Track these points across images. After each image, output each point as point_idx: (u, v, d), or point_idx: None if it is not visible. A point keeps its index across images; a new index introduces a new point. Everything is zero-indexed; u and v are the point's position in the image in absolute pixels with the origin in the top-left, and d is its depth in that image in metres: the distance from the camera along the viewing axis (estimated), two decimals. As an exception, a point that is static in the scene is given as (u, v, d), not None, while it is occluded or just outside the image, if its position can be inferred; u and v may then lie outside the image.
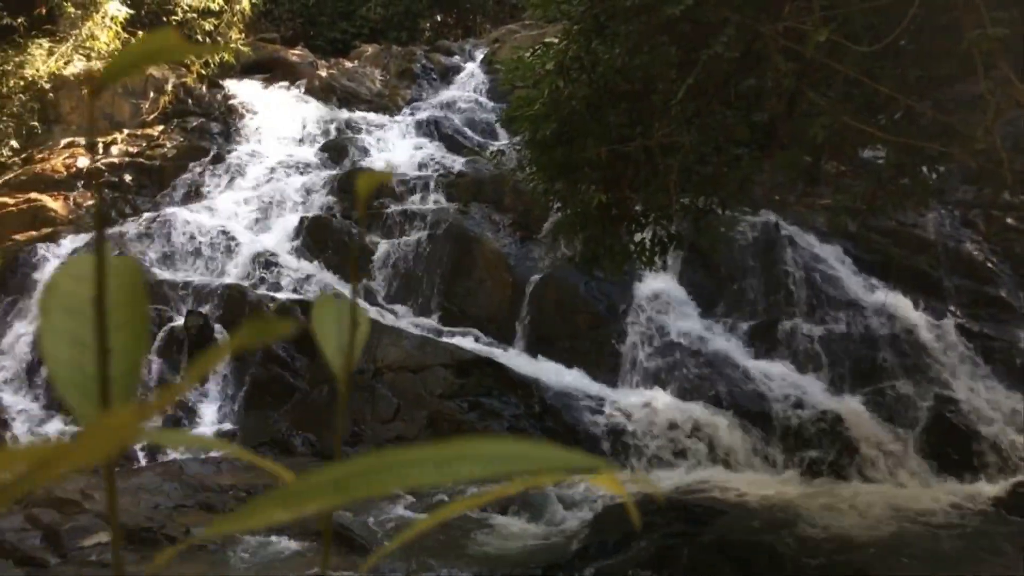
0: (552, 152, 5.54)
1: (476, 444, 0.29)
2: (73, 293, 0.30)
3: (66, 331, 0.28)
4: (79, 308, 0.29)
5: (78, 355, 0.28)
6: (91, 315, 0.29)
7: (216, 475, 7.22)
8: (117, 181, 12.17)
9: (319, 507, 0.28)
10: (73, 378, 0.27)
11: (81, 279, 0.30)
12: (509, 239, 10.16)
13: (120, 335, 0.30)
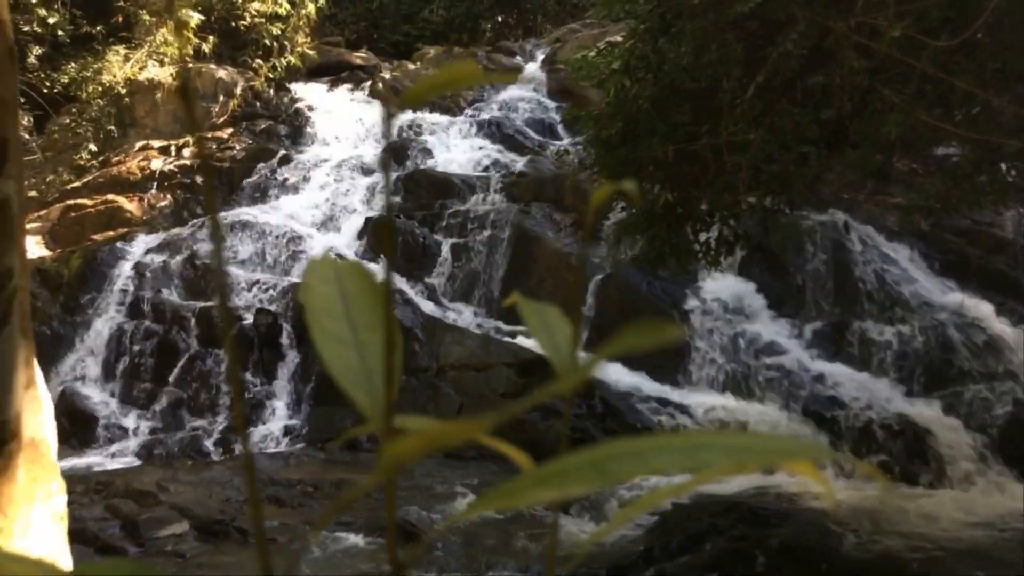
0: (617, 151, 5.52)
1: (718, 436, 0.31)
2: (327, 295, 0.33)
3: (331, 332, 0.31)
4: (332, 309, 0.32)
5: (344, 351, 0.31)
6: (342, 314, 0.32)
7: (284, 470, 7.38)
8: (189, 183, 12.54)
9: (579, 488, 0.30)
10: (344, 372, 0.30)
11: (327, 281, 0.33)
12: (570, 239, 10.15)
13: (373, 335, 0.32)
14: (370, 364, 0.31)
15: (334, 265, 0.34)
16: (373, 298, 0.34)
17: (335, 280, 0.33)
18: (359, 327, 0.32)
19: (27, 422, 0.59)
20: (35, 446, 0.61)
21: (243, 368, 8.74)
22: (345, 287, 0.34)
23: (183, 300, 9.49)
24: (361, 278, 0.35)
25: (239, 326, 8.96)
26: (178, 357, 8.82)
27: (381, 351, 0.31)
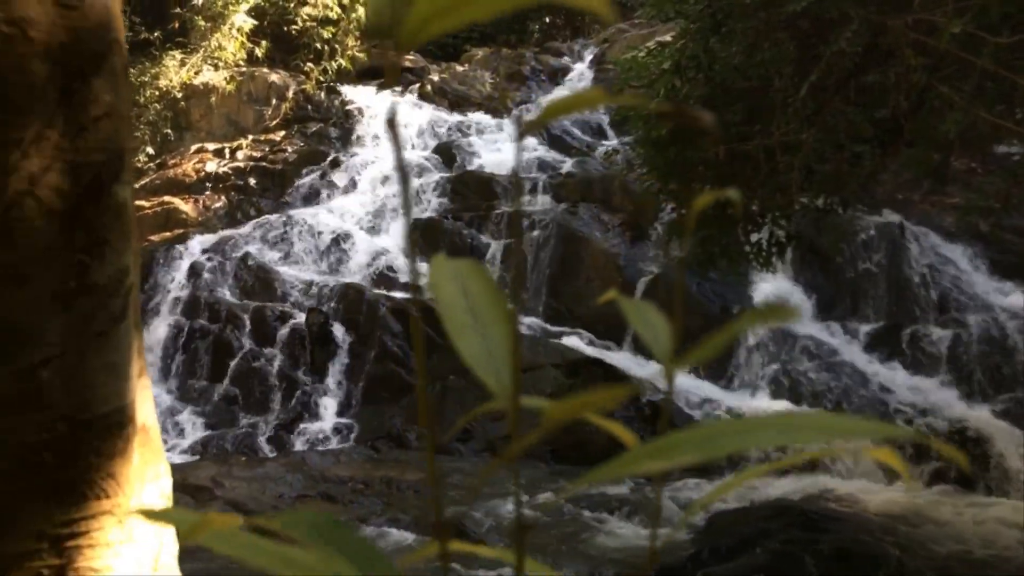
0: (666, 151, 5.50)
1: (812, 416, 0.33)
2: (452, 292, 0.35)
3: (460, 323, 0.34)
4: (457, 303, 0.35)
5: (473, 340, 0.34)
6: (467, 308, 0.34)
7: (335, 467, 7.49)
8: (242, 184, 12.80)
9: (687, 459, 0.32)
10: (474, 358, 0.33)
11: (451, 279, 0.35)
12: (618, 239, 10.12)
13: (495, 327, 0.35)
14: (494, 351, 0.34)
15: (455, 265, 0.36)
16: (491, 294, 0.36)
17: (457, 278, 0.36)
18: (482, 319, 0.35)
19: (140, 408, 0.63)
20: (146, 431, 0.65)
21: (295, 366, 8.89)
22: (467, 285, 0.36)
23: (237, 299, 9.69)
24: (480, 276, 0.37)
25: (291, 325, 9.11)
26: (232, 355, 9.00)
27: (502, 340, 0.34)
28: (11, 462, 0.53)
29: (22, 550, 0.54)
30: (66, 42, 0.58)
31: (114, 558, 0.59)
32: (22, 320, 0.53)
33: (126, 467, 0.60)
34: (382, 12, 0.30)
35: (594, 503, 6.53)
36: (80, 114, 0.59)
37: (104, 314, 0.59)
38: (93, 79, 0.61)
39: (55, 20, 0.58)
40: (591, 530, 6.11)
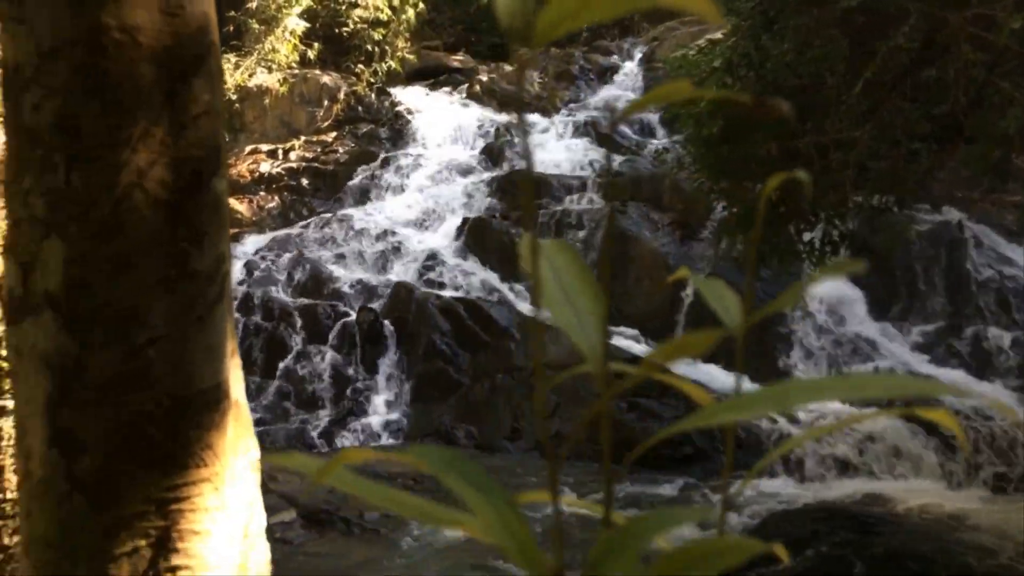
0: (718, 149, 5.46)
1: (872, 377, 0.35)
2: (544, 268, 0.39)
3: (555, 297, 0.37)
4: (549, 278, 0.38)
5: (564, 311, 0.37)
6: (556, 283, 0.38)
7: (385, 463, 7.59)
8: (295, 185, 13.03)
9: (763, 411, 0.35)
10: (568, 326, 0.36)
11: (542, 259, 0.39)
12: (668, 238, 10.07)
13: (582, 297, 0.38)
14: (583, 319, 0.37)
15: (543, 244, 0.40)
16: (578, 268, 0.40)
17: (546, 256, 0.39)
18: (569, 292, 0.38)
19: (233, 386, 0.68)
20: (238, 407, 0.70)
21: (346, 364, 9.02)
22: (554, 261, 0.40)
23: (290, 298, 9.86)
24: (566, 252, 0.41)
25: (343, 323, 9.25)
26: (285, 352, 9.17)
27: (590, 308, 0.37)
28: (122, 434, 0.57)
29: (132, 512, 0.59)
30: (170, 46, 0.63)
31: (211, 523, 0.64)
32: (131, 303, 0.58)
33: (222, 439, 0.65)
34: (513, 16, 0.33)
35: (643, 503, 6.52)
36: (182, 113, 0.64)
37: (203, 299, 0.63)
38: (194, 80, 0.65)
39: (160, 26, 0.62)
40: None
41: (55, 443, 0.56)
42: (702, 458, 7.50)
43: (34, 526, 0.59)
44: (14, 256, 0.59)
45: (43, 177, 0.59)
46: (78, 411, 0.55)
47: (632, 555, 0.34)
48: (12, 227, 0.60)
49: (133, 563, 0.59)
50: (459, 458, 0.39)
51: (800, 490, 6.84)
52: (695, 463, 7.46)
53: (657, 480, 7.13)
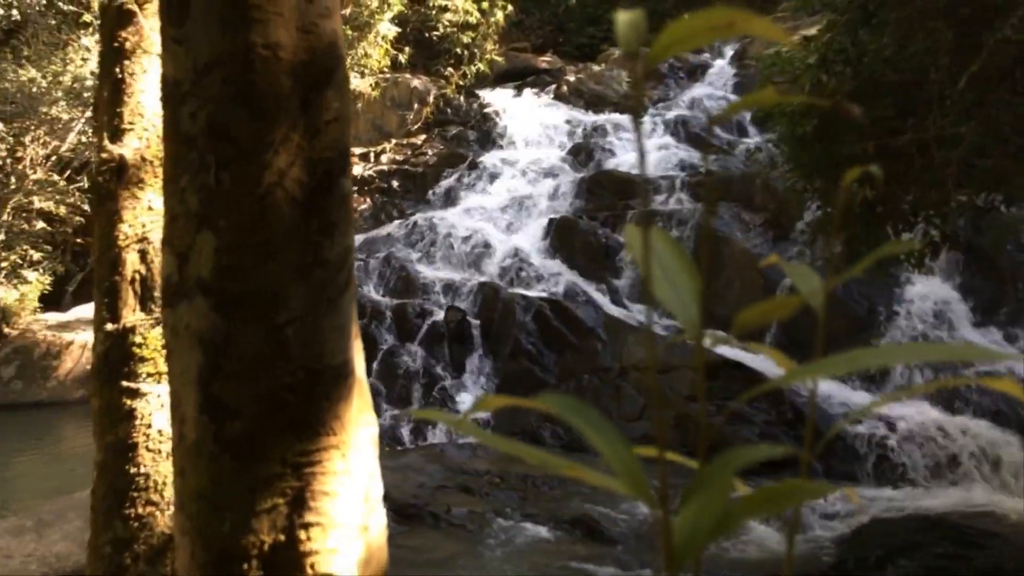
0: (811, 148, 5.34)
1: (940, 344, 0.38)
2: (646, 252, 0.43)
3: (657, 276, 0.41)
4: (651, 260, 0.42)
5: (670, 289, 0.41)
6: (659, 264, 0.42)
7: (472, 460, 7.70)
8: (386, 187, 13.32)
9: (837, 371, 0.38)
10: (672, 303, 0.41)
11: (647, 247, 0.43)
12: (760, 239, 9.87)
13: (680, 275, 0.42)
14: (681, 295, 0.41)
15: (644, 232, 0.44)
16: (675, 251, 0.44)
17: (648, 243, 0.43)
18: (669, 271, 0.42)
19: (356, 363, 0.75)
20: (361, 382, 0.77)
21: (434, 362, 9.18)
22: (656, 247, 0.44)
23: (380, 297, 10.10)
24: (664, 238, 0.45)
25: (431, 321, 9.42)
26: (376, 350, 9.39)
27: (687, 285, 0.41)
28: (263, 402, 0.65)
29: (272, 473, 0.66)
30: (305, 60, 0.69)
31: (339, 486, 0.70)
32: (272, 288, 0.65)
33: (348, 410, 0.71)
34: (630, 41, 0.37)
35: (731, 507, 6.42)
36: (316, 119, 0.70)
37: (334, 284, 0.69)
38: (326, 90, 0.72)
39: (298, 43, 0.69)
40: (733, 535, 6.02)
41: (206, 410, 0.65)
42: (794, 463, 7.30)
43: (187, 483, 0.68)
44: (172, 247, 0.68)
45: (197, 177, 0.68)
46: (226, 382, 0.64)
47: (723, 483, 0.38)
48: (170, 222, 0.69)
49: (272, 518, 0.66)
50: (583, 406, 0.47)
51: (898, 498, 6.62)
52: (786, 468, 7.30)
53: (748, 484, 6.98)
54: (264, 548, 0.68)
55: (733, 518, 0.39)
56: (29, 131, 11.29)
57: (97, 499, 1.55)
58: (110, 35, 1.71)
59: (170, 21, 0.69)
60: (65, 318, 11.44)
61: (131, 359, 1.57)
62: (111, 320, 1.60)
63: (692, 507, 0.39)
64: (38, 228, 11.65)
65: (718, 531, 0.38)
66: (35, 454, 8.63)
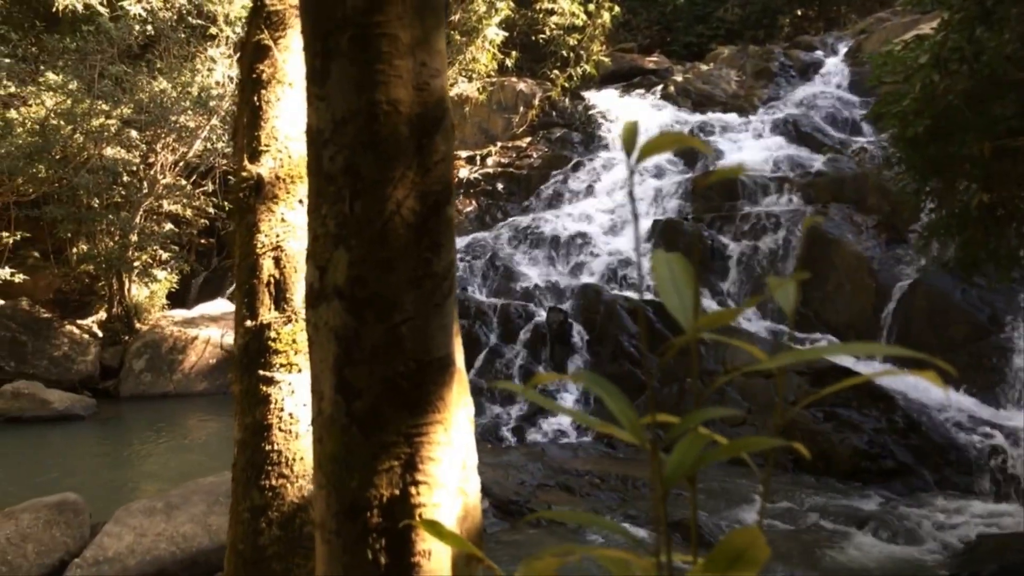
0: (924, 149, 5.19)
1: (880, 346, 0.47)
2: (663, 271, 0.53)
3: (667, 289, 0.52)
4: (668, 278, 0.53)
5: (674, 293, 0.52)
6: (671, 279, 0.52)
7: (573, 460, 7.79)
8: (491, 190, 13.57)
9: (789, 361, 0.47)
10: (674, 307, 0.51)
11: (663, 264, 0.54)
12: (872, 242, 9.58)
13: (686, 290, 0.53)
14: (684, 303, 0.51)
15: (665, 256, 0.54)
16: (686, 272, 0.54)
17: (668, 263, 0.54)
18: (679, 285, 0.52)
19: (457, 356, 0.91)
20: (460, 372, 0.93)
21: (535, 362, 9.31)
22: (673, 267, 0.54)
23: (485, 297, 10.32)
24: (680, 262, 0.55)
25: (534, 322, 9.56)
26: (480, 349, 9.61)
27: (689, 296, 0.51)
28: (383, 385, 0.80)
29: (390, 441, 0.82)
30: (420, 112, 0.84)
31: (442, 453, 0.85)
32: (392, 294, 0.81)
33: (449, 393, 0.86)
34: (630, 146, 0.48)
35: (839, 515, 6.30)
36: (427, 160, 0.85)
37: (440, 291, 0.84)
38: (435, 136, 0.86)
39: (413, 99, 0.84)
40: (833, 542, 5.90)
41: (339, 390, 0.83)
42: (905, 472, 7.11)
43: (325, 448, 0.85)
44: (314, 260, 0.85)
45: (335, 206, 0.84)
46: (355, 368, 0.82)
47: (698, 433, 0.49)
48: (313, 240, 0.86)
49: (390, 477, 0.82)
50: (605, 381, 0.62)
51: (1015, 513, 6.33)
52: (896, 477, 7.10)
53: (855, 492, 6.85)
54: (383, 500, 0.85)
55: (707, 457, 0.50)
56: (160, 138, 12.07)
57: (237, 472, 1.78)
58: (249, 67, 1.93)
59: (314, 82, 0.86)
60: (190, 315, 12.18)
61: (267, 351, 1.80)
62: (250, 317, 1.83)
63: (679, 448, 0.50)
64: (167, 229, 12.43)
65: (697, 465, 0.49)
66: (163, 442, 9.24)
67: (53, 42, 12.32)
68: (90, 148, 11.55)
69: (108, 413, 10.40)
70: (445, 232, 0.86)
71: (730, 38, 18.84)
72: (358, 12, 0.83)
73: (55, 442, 9.14)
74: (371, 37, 0.84)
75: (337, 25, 0.84)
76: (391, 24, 0.83)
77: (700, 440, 0.52)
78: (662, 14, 20.08)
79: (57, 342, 11.35)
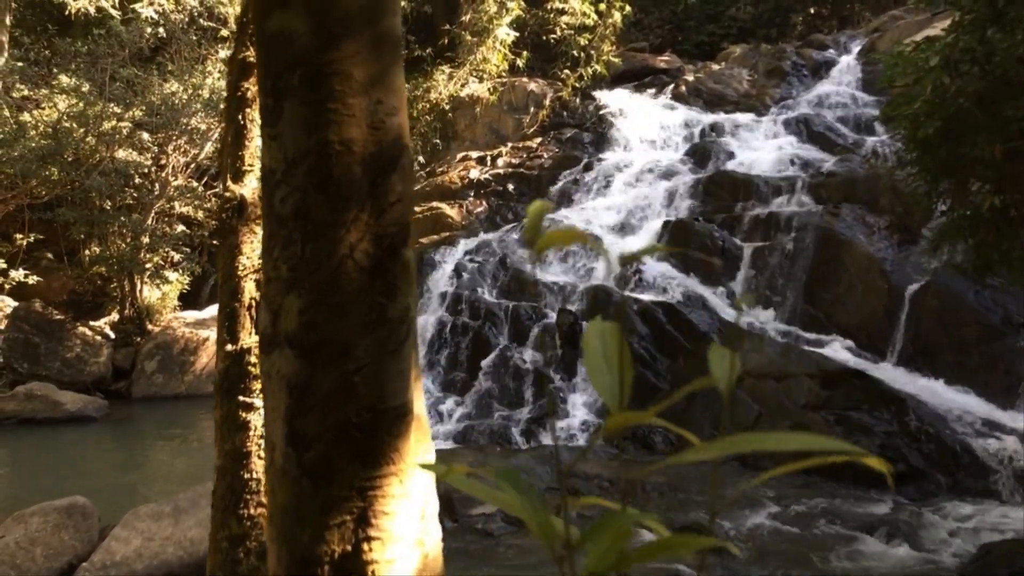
0: (936, 151, 5.14)
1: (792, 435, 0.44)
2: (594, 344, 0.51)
3: (595, 364, 0.49)
4: (596, 351, 0.50)
5: (603, 376, 0.49)
6: (602, 353, 0.50)
7: (582, 463, 7.75)
8: (501, 190, 13.55)
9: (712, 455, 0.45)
10: (602, 388, 0.48)
11: (595, 336, 0.51)
12: (885, 243, 9.49)
13: (617, 369, 0.50)
14: (614, 384, 0.49)
15: (601, 325, 0.51)
16: (618, 346, 0.51)
17: (601, 333, 0.51)
18: (611, 362, 0.49)
19: (415, 402, 0.88)
20: (419, 419, 0.90)
21: (546, 364, 9.29)
22: (605, 339, 0.51)
23: (495, 299, 10.30)
24: (614, 333, 0.52)
25: (543, 324, 9.53)
26: (490, 350, 9.59)
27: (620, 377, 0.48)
28: (336, 436, 0.78)
29: (342, 495, 0.79)
30: (374, 152, 0.82)
31: (397, 506, 0.82)
32: (344, 340, 0.78)
33: (406, 444, 0.83)
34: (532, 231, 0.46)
35: (850, 520, 6.24)
36: (382, 201, 0.82)
37: (394, 338, 0.82)
38: (391, 175, 0.83)
39: (368, 137, 0.82)
40: (844, 547, 5.85)
41: (290, 441, 0.80)
42: (917, 476, 7.04)
43: (276, 500, 0.82)
44: (267, 305, 0.83)
45: (286, 250, 0.81)
46: (307, 417, 0.79)
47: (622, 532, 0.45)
48: (266, 284, 0.83)
49: (341, 532, 0.80)
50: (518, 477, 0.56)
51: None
52: (909, 482, 7.03)
53: (868, 498, 6.79)
54: (335, 556, 0.82)
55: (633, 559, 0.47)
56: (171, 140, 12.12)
57: (217, 499, 1.76)
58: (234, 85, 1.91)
59: (267, 122, 0.84)
60: (202, 316, 12.23)
61: (247, 376, 1.78)
62: (230, 341, 1.81)
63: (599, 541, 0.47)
64: (178, 231, 12.49)
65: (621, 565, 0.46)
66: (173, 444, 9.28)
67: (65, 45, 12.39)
68: (102, 151, 11.62)
69: (120, 414, 10.46)
70: (401, 275, 0.83)
71: (742, 37, 18.74)
72: (310, 50, 0.81)
73: (67, 444, 9.19)
74: (323, 75, 0.82)
75: (289, 63, 0.82)
76: (344, 62, 0.81)
77: (623, 536, 0.50)
78: (673, 13, 20.00)
79: (70, 343, 11.42)
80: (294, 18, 0.79)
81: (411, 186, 0.85)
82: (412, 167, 0.86)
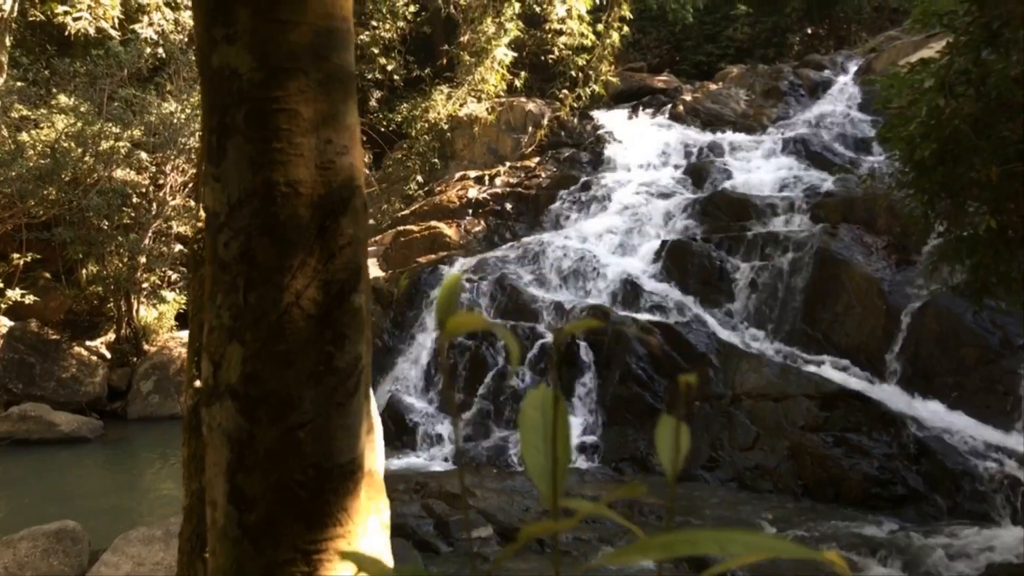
0: (932, 173, 5.12)
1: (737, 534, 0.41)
2: (534, 417, 0.47)
3: (531, 441, 0.46)
4: (536, 425, 0.46)
5: (537, 455, 0.45)
6: (541, 428, 0.46)
7: (579, 486, 7.69)
8: (499, 210, 13.53)
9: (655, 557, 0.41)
10: (534, 469, 0.44)
11: (534, 407, 0.47)
12: (882, 263, 9.46)
13: (554, 448, 0.46)
14: (549, 465, 0.45)
15: (543, 394, 0.47)
16: (560, 421, 0.47)
17: (541, 405, 0.47)
18: (548, 440, 0.46)
19: (367, 457, 0.83)
20: (371, 475, 0.85)
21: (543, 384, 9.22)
22: (545, 411, 0.48)
23: (491, 319, 10.25)
24: (557, 404, 0.48)
25: (539, 344, 9.48)
26: (487, 371, 9.53)
27: (558, 457, 0.45)
28: (278, 495, 0.73)
29: (285, 558, 0.75)
30: (323, 193, 0.78)
31: (345, 570, 0.77)
32: (289, 392, 0.74)
33: (355, 503, 0.79)
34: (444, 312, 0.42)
35: (849, 543, 6.17)
36: (331, 244, 0.79)
37: (343, 389, 0.77)
38: (341, 218, 0.80)
39: (316, 178, 0.78)
40: (843, 573, 5.77)
41: (231, 499, 0.75)
42: (917, 499, 6.98)
43: (217, 561, 0.77)
44: (208, 354, 0.78)
45: (228, 296, 0.77)
46: (248, 475, 0.73)
47: None
48: (208, 333, 0.79)
49: None
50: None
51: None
52: (908, 504, 6.97)
53: (866, 520, 6.72)
54: None
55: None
56: (169, 160, 12.12)
57: (183, 541, 1.70)
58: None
59: (211, 161, 0.79)
60: (199, 335, 12.16)
61: None
62: (199, 377, 1.76)
63: None
64: (175, 251, 12.46)
65: None
66: (167, 466, 9.20)
67: (64, 66, 12.42)
68: (100, 170, 11.61)
69: (115, 435, 10.38)
70: (351, 323, 0.78)
71: (740, 57, 18.81)
72: (255, 86, 0.75)
73: (60, 465, 9.12)
74: (269, 113, 0.75)
75: (234, 99, 0.75)
76: (291, 99, 0.74)
77: None
78: (671, 33, 20.08)
79: (65, 363, 11.36)
80: (239, 53, 0.73)
81: (364, 229, 0.81)
82: (365, 209, 0.82)
